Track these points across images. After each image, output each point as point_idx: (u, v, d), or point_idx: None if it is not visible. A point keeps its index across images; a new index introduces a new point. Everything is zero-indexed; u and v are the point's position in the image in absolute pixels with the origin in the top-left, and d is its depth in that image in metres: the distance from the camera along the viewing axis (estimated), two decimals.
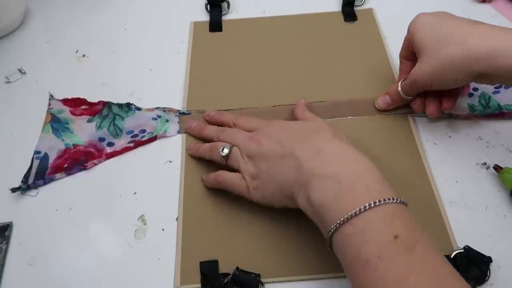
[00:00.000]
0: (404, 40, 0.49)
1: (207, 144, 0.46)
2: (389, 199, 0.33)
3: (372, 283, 0.31)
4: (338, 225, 0.33)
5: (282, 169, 0.39)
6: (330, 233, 0.34)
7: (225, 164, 0.44)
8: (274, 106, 0.52)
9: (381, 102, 0.50)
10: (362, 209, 0.32)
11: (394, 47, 0.57)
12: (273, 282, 0.40)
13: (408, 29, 0.47)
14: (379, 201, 0.33)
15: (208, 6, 0.63)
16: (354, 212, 0.32)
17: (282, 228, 0.43)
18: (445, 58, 0.42)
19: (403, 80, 0.48)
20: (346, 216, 0.33)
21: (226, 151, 0.43)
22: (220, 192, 0.45)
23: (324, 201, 0.35)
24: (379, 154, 0.47)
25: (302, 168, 0.37)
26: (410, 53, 0.48)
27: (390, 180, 0.44)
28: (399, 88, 0.48)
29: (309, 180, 0.36)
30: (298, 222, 0.43)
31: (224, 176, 0.43)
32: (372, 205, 0.32)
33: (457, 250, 0.40)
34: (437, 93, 0.47)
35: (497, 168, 0.44)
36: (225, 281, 0.39)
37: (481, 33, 0.41)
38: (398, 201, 0.34)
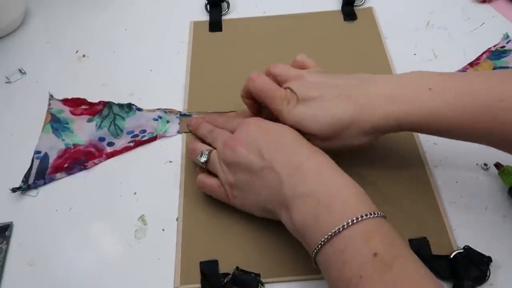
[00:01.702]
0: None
1: (189, 147, 0.46)
2: (366, 215, 0.33)
3: None
4: (319, 246, 0.33)
5: (262, 184, 0.38)
6: (313, 254, 0.34)
7: (206, 168, 0.43)
8: None
9: None
10: (341, 229, 0.32)
11: (393, 46, 0.57)
12: (273, 282, 0.40)
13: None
14: (357, 218, 0.32)
15: (208, 6, 0.63)
16: (334, 232, 0.32)
17: (282, 228, 0.42)
18: None
19: None
20: (326, 237, 0.33)
21: (204, 158, 0.42)
22: None
23: (305, 222, 0.35)
24: (379, 155, 0.47)
25: (282, 185, 0.36)
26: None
27: (389, 181, 0.45)
28: None
29: (290, 199, 0.36)
30: None
31: (204, 181, 0.43)
32: (350, 223, 0.32)
33: (457, 250, 0.40)
34: None
35: (498, 165, 0.45)
36: (225, 281, 0.39)
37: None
38: (376, 215, 0.33)
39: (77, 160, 0.49)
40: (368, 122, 0.39)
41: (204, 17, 0.63)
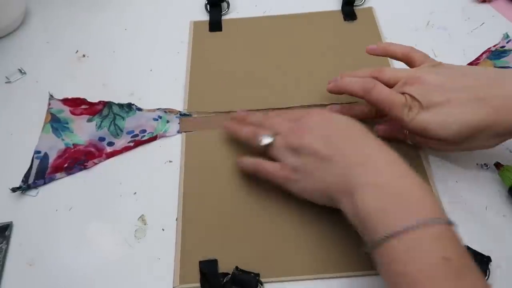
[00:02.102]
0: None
1: (250, 129, 0.45)
2: (439, 219, 0.32)
3: None
4: (385, 238, 0.32)
5: (327, 171, 0.38)
6: (375, 243, 0.33)
7: (263, 152, 0.43)
8: (275, 109, 0.51)
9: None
10: (414, 227, 0.31)
11: None
12: (272, 282, 0.40)
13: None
14: (432, 220, 0.32)
15: (208, 6, 0.63)
16: (405, 228, 0.31)
17: (281, 228, 0.43)
18: None
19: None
20: (395, 231, 0.32)
21: (268, 140, 0.42)
22: (220, 192, 0.45)
23: (372, 211, 0.34)
24: None
25: (350, 174, 0.36)
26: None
27: None
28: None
29: (356, 187, 0.35)
30: (298, 222, 0.43)
31: (264, 165, 0.42)
32: (423, 223, 0.31)
33: None
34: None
35: (498, 165, 0.45)
36: (224, 280, 0.39)
37: None
38: (448, 221, 0.33)
39: (77, 160, 0.49)
40: (504, 125, 0.37)
41: (204, 17, 0.63)
